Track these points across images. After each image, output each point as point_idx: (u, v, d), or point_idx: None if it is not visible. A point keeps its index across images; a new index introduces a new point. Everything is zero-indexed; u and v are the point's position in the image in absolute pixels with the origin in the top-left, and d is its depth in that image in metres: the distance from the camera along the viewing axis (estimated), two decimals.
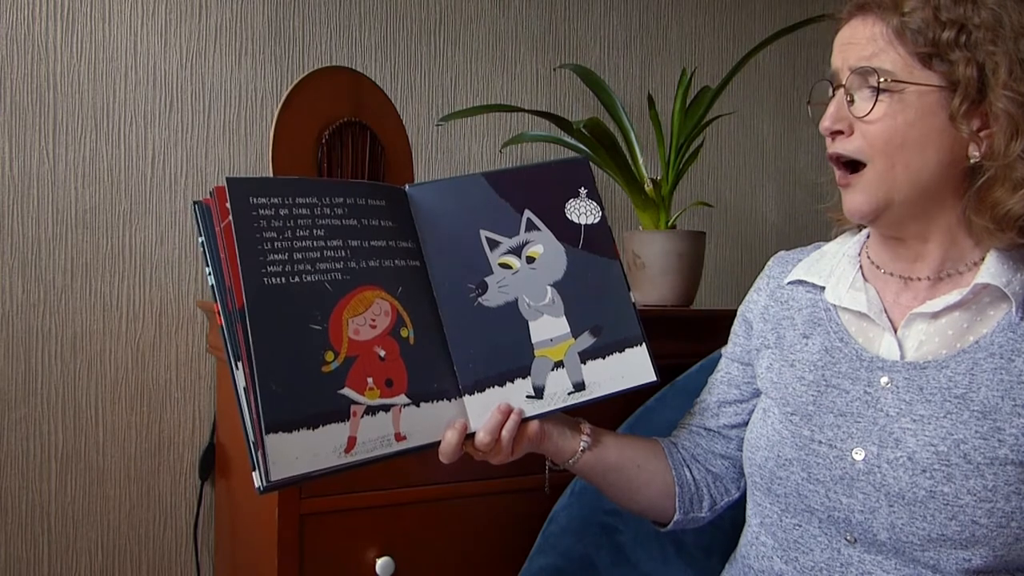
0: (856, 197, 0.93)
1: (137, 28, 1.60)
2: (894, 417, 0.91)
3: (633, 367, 1.01)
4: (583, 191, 1.06)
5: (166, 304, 1.63)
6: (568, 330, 1.00)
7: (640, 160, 1.72)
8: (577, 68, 1.85)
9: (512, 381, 0.97)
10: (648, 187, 1.69)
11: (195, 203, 0.89)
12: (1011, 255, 0.91)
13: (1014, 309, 0.89)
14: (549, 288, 1.01)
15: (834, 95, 0.93)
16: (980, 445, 0.85)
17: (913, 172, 0.89)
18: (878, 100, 0.89)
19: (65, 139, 1.55)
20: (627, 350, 1.01)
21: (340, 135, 1.47)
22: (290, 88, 1.45)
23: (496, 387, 0.97)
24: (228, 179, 0.88)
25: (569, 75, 1.97)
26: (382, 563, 1.26)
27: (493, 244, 1.01)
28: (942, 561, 0.86)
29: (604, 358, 1.00)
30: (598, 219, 1.05)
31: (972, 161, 0.89)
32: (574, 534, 1.22)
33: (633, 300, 1.04)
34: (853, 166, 0.93)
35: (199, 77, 1.65)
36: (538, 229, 1.03)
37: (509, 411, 0.95)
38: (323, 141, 1.45)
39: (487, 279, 0.99)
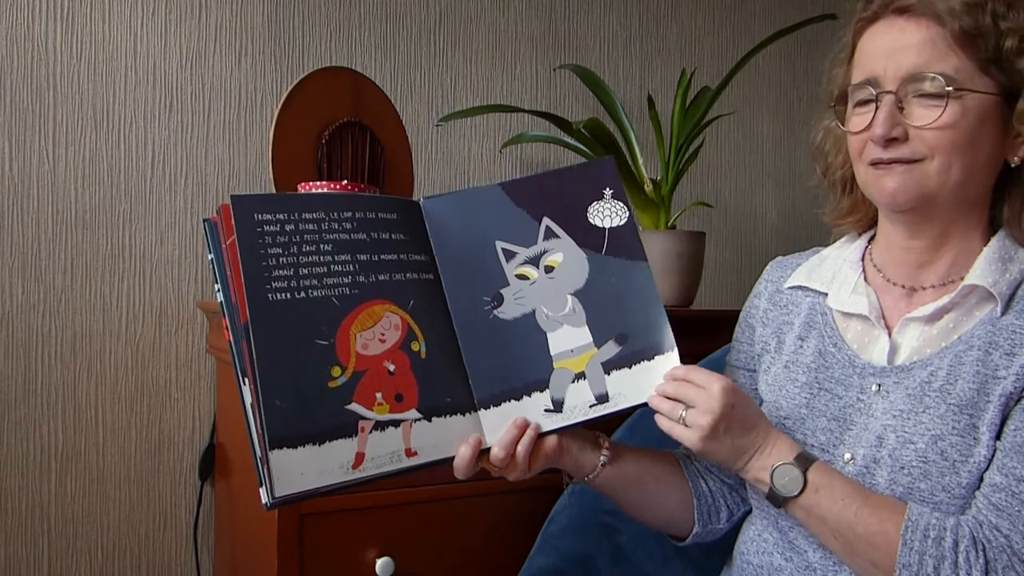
0: (900, 181, 0.90)
1: (137, 28, 1.60)
2: (880, 419, 0.92)
3: (661, 376, 0.96)
4: (608, 191, 1.02)
5: (166, 304, 1.63)
6: (590, 340, 0.97)
7: (640, 160, 1.72)
8: (577, 68, 1.85)
9: (529, 395, 0.95)
10: (648, 187, 1.69)
11: (205, 221, 0.89)
12: (1002, 257, 0.92)
13: (999, 307, 0.90)
14: (569, 297, 0.98)
15: (879, 101, 0.91)
16: (957, 442, 0.87)
17: (966, 173, 0.90)
18: (947, 107, 0.87)
19: (65, 139, 1.55)
20: (656, 358, 0.96)
21: (340, 135, 1.47)
22: (290, 88, 1.45)
23: (512, 401, 0.94)
24: (232, 197, 0.89)
25: (569, 75, 1.97)
26: (382, 563, 1.26)
27: (509, 255, 0.99)
28: None
29: (630, 367, 0.96)
30: (624, 221, 1.01)
31: (1013, 164, 0.91)
32: (574, 534, 1.22)
33: (663, 305, 0.99)
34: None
35: (199, 77, 1.65)
36: (557, 237, 1.00)
37: (525, 426, 0.93)
38: (323, 141, 1.45)
39: (503, 291, 0.97)
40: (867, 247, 1.04)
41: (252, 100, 1.69)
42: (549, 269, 0.99)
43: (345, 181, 1.41)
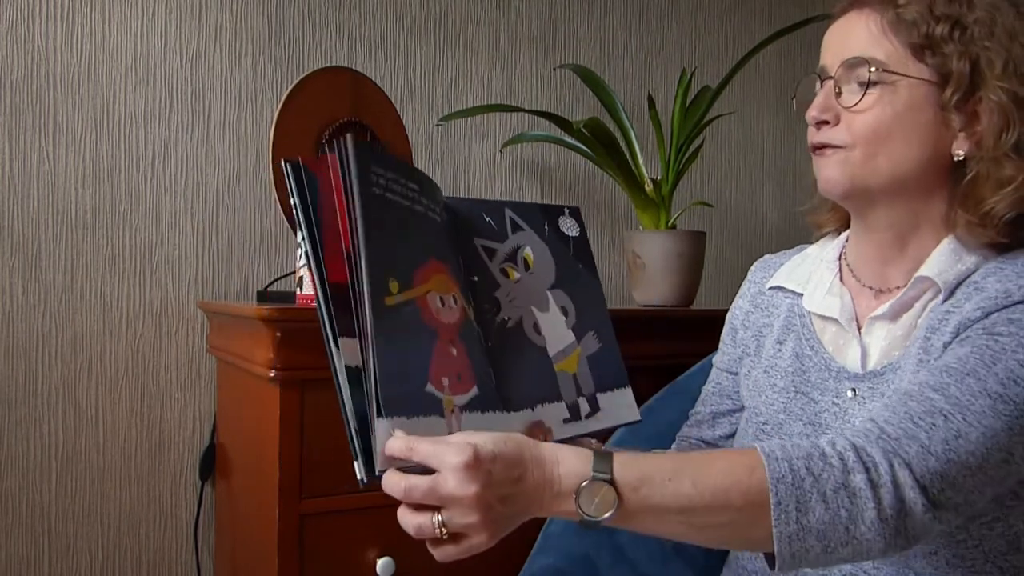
0: (832, 170, 0.92)
1: (137, 28, 1.60)
2: None
3: (622, 406, 0.95)
4: (566, 210, 1.01)
5: (166, 304, 1.63)
6: (573, 338, 0.93)
7: (640, 160, 1.72)
8: (577, 68, 1.85)
9: (542, 405, 0.90)
10: (648, 187, 1.69)
11: (286, 162, 0.79)
12: (959, 249, 0.90)
13: (941, 296, 0.89)
14: (548, 293, 0.94)
15: (822, 87, 0.93)
16: None
17: (895, 163, 0.89)
18: (868, 91, 0.89)
19: (65, 139, 1.55)
20: (616, 390, 0.94)
21: (340, 135, 1.47)
22: (290, 88, 1.45)
23: (527, 410, 0.89)
24: (351, 139, 0.80)
25: (569, 75, 1.97)
26: (382, 563, 1.25)
27: (490, 253, 0.93)
28: (910, 556, 0.86)
29: (606, 392, 0.94)
30: (578, 233, 1.00)
31: (957, 158, 0.89)
32: (574, 534, 1.21)
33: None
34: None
35: (199, 77, 1.65)
36: (523, 229, 0.95)
37: (543, 432, 0.90)
38: (323, 141, 1.45)
39: (496, 294, 0.92)
40: (844, 246, 1.04)
41: (252, 100, 1.69)
42: (527, 265, 0.95)
43: None
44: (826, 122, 0.92)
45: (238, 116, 1.68)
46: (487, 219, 0.94)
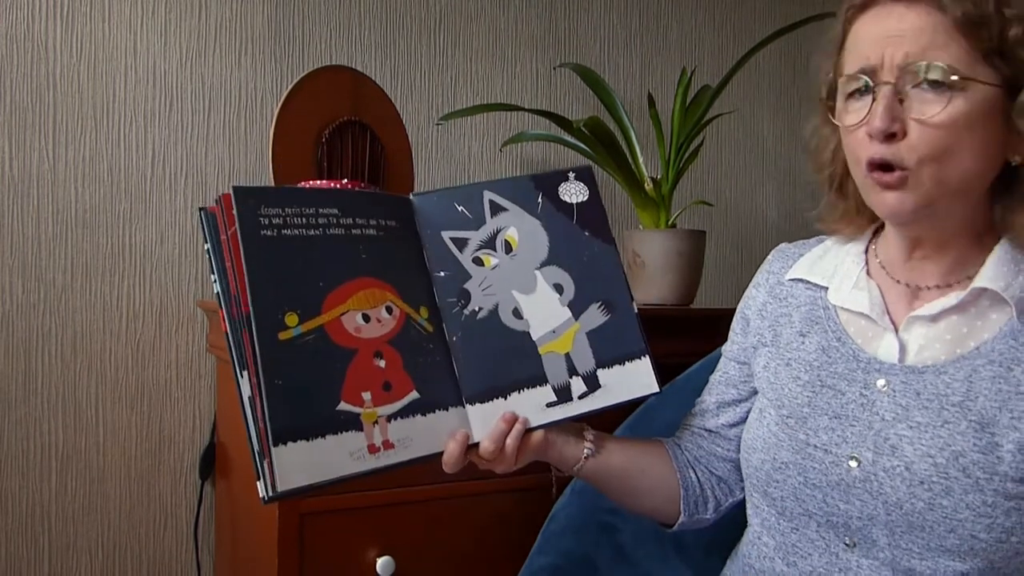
0: (901, 197, 0.85)
1: (137, 28, 1.60)
2: (890, 422, 0.88)
3: (635, 379, 0.95)
4: (571, 175, 0.99)
5: (166, 304, 1.63)
6: (569, 315, 0.92)
7: (640, 159, 1.72)
8: (577, 67, 1.85)
9: (519, 391, 0.91)
10: (648, 186, 1.68)
11: (200, 209, 0.86)
12: (1014, 257, 0.87)
13: (1015, 314, 0.85)
14: (537, 273, 0.93)
15: (876, 93, 0.84)
16: (979, 460, 0.83)
17: (962, 177, 0.84)
18: (952, 99, 0.81)
19: (65, 139, 1.55)
20: (627, 364, 0.94)
21: (340, 135, 1.47)
22: (290, 88, 1.45)
23: (499, 399, 0.91)
24: (234, 188, 0.86)
25: (569, 74, 1.97)
26: (382, 563, 1.26)
27: (460, 243, 0.93)
28: (939, 571, 0.84)
29: (608, 368, 0.93)
30: (587, 196, 0.98)
31: (1014, 163, 0.85)
32: (574, 533, 1.21)
33: (634, 304, 0.95)
34: (890, 166, 0.84)
35: (199, 77, 1.65)
36: (505, 210, 0.94)
37: (514, 420, 0.92)
38: (323, 141, 1.45)
39: (466, 286, 0.92)
40: (871, 239, 1.01)
41: (252, 100, 1.69)
42: (509, 248, 0.94)
43: (345, 180, 1.41)
44: (893, 135, 0.83)
45: (238, 115, 1.68)
46: (459, 208, 0.94)
